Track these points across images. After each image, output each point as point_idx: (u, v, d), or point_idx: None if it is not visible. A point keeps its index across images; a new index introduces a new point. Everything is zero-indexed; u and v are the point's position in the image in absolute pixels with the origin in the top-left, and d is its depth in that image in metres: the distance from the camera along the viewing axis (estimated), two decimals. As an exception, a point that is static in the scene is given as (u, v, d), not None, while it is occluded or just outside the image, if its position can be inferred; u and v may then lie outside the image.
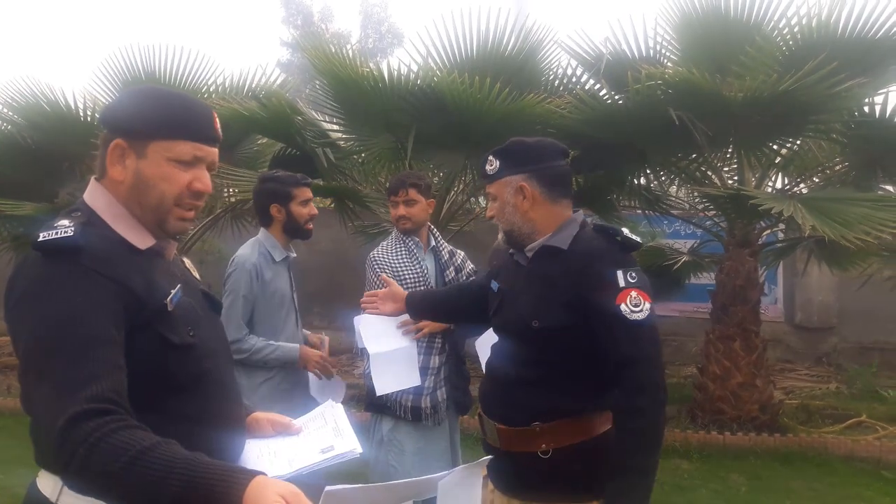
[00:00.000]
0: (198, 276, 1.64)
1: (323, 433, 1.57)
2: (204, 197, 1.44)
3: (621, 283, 1.87)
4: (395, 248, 3.19)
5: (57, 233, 1.28)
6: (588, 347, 1.92)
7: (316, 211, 3.17)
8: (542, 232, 2.04)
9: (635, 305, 1.85)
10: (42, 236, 1.27)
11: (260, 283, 3.01)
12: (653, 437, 1.87)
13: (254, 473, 1.14)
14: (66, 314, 1.23)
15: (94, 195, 1.41)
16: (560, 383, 1.95)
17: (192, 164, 1.40)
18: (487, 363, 2.23)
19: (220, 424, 1.43)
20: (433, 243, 3.25)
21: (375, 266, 3.16)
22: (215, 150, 1.44)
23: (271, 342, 3.00)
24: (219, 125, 1.45)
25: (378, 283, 3.05)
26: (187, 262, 1.64)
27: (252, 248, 3.08)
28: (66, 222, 1.31)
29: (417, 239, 3.20)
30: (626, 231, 2.00)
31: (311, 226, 3.15)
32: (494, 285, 2.19)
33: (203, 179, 1.42)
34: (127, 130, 1.37)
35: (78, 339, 1.22)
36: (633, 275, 1.89)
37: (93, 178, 1.45)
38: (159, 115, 1.37)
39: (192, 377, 1.39)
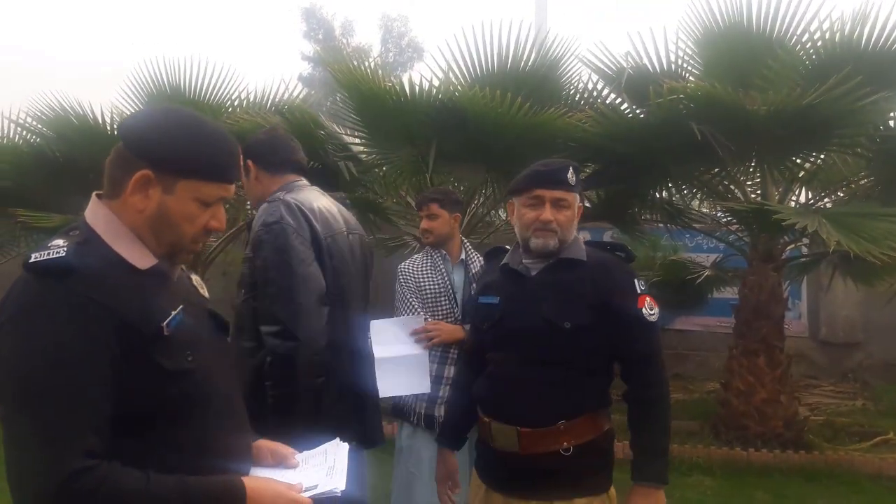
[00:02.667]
0: (206, 295, 1.57)
1: (317, 471, 1.52)
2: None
3: (639, 290, 2.13)
4: (421, 261, 3.31)
5: (49, 253, 1.23)
6: (605, 347, 2.11)
7: None
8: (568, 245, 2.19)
9: (651, 309, 2.12)
10: (34, 257, 1.23)
11: None
12: (667, 422, 2.12)
13: (243, 483, 1.29)
14: (54, 349, 1.18)
15: (95, 212, 1.35)
16: (582, 381, 2.09)
17: (213, 204, 1.39)
18: (491, 370, 2.21)
19: (221, 454, 1.37)
20: (463, 256, 3.31)
21: (400, 277, 3.31)
22: (234, 187, 1.43)
23: None
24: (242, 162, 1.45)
25: (403, 294, 3.18)
26: (195, 279, 1.58)
27: None
28: (60, 242, 1.26)
29: (445, 252, 3.28)
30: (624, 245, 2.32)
31: None
32: (491, 299, 2.24)
33: (220, 218, 1.41)
34: (157, 162, 1.31)
35: (67, 380, 1.18)
36: (643, 283, 2.17)
37: (94, 195, 1.38)
38: (194, 154, 1.34)
39: (189, 404, 1.32)
